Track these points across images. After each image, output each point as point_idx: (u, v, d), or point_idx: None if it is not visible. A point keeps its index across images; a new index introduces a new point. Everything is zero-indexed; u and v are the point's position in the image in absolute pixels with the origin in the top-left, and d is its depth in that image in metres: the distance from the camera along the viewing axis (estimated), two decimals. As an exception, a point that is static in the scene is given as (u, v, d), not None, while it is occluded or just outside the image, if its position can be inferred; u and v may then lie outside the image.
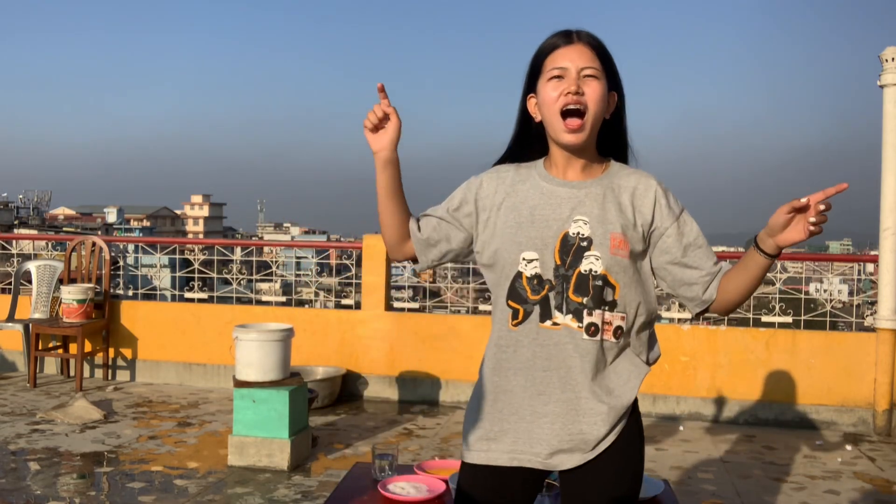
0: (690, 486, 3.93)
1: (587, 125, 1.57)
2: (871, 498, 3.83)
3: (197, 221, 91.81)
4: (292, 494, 3.66)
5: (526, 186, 1.66)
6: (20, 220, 52.95)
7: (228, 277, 6.47)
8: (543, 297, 1.58)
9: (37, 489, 3.65)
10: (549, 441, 1.60)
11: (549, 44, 1.62)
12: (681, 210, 1.66)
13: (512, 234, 1.62)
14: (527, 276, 1.60)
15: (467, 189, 1.72)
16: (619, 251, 1.58)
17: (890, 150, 4.94)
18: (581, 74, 1.57)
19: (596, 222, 1.58)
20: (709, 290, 1.63)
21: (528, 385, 1.61)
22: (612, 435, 1.60)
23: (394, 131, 1.66)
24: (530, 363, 1.60)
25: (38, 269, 6.26)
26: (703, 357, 5.32)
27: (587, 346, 1.57)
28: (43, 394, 5.63)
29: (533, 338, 1.60)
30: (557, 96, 1.57)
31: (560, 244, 1.58)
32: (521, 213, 1.63)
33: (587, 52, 1.58)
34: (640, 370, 1.65)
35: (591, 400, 1.58)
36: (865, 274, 7.11)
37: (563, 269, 1.58)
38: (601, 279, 1.57)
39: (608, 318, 1.58)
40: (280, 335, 4.11)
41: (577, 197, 1.61)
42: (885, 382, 5.03)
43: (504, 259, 1.63)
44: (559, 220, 1.60)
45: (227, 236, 75.97)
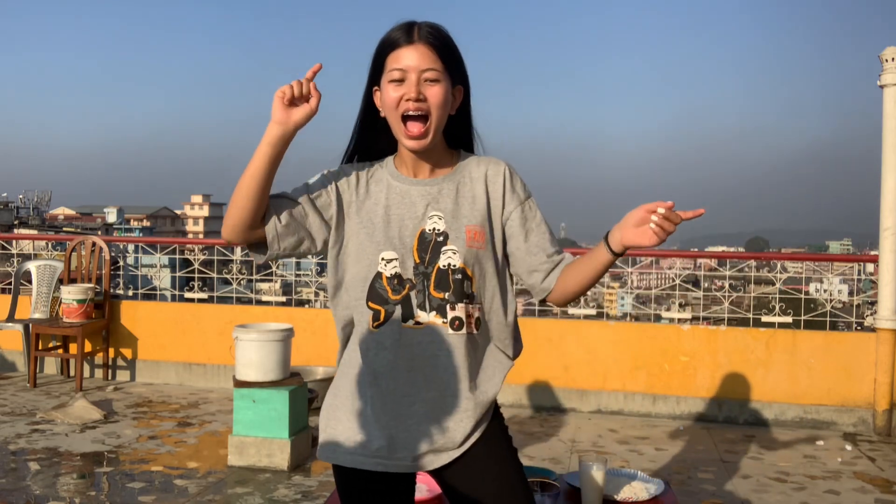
0: (690, 486, 3.93)
1: (430, 130, 1.55)
2: (871, 498, 3.83)
3: (197, 221, 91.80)
4: (292, 494, 3.66)
5: (379, 187, 1.63)
6: (20, 220, 52.95)
7: (228, 277, 6.47)
8: (405, 296, 1.57)
9: (37, 489, 3.65)
10: (414, 444, 1.59)
11: (390, 39, 1.55)
12: (527, 196, 1.65)
13: (369, 235, 1.59)
14: (387, 277, 1.58)
15: (325, 180, 1.64)
16: (475, 243, 1.58)
17: (890, 150, 4.94)
18: (422, 78, 1.53)
19: (450, 217, 1.59)
20: (548, 278, 1.62)
21: (391, 388, 1.58)
22: (477, 431, 1.60)
23: (305, 113, 1.51)
24: (393, 364, 1.58)
25: (38, 269, 6.25)
26: (703, 357, 5.32)
27: (454, 341, 1.57)
28: (43, 394, 5.63)
29: (395, 339, 1.57)
30: (398, 100, 1.53)
31: (418, 242, 1.58)
32: (376, 213, 1.60)
33: (428, 54, 1.53)
34: (504, 365, 1.65)
35: (457, 397, 1.58)
36: (865, 274, 7.11)
37: (422, 266, 1.57)
38: (460, 272, 1.57)
39: (470, 310, 1.58)
40: (280, 335, 4.11)
41: (430, 194, 1.61)
42: (885, 382, 5.03)
43: (362, 260, 1.60)
44: (414, 218, 1.59)
45: (227, 236, 75.74)
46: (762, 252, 38.03)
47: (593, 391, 5.43)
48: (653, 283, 6.66)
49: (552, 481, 2.22)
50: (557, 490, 2.19)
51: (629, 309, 7.05)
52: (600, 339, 5.49)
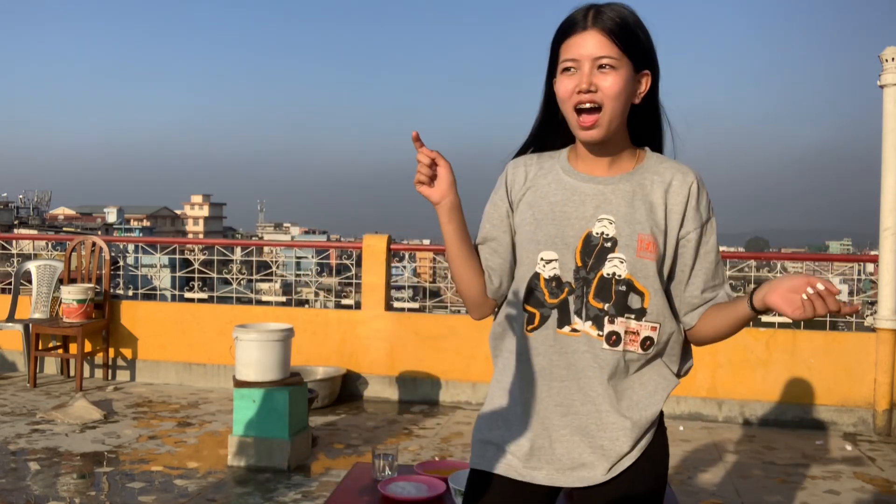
0: (690, 486, 3.93)
1: (603, 122, 1.43)
2: (871, 498, 3.83)
3: (197, 221, 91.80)
4: (292, 494, 3.66)
5: (547, 180, 1.53)
6: (20, 220, 52.95)
7: (228, 277, 6.47)
8: (562, 300, 1.46)
9: (37, 489, 3.65)
10: (566, 457, 1.48)
11: (564, 27, 1.46)
12: (708, 217, 1.51)
13: (530, 232, 1.50)
14: (545, 278, 1.48)
15: (497, 192, 1.58)
16: (646, 254, 1.44)
17: (890, 150, 4.94)
18: (595, 66, 1.42)
19: (622, 222, 1.45)
20: (692, 314, 1.51)
21: (544, 396, 1.49)
22: (635, 451, 1.48)
23: (448, 175, 1.48)
24: (547, 372, 1.48)
25: (38, 269, 6.25)
26: (703, 357, 5.32)
27: (606, 357, 1.45)
28: (43, 394, 5.63)
29: (550, 345, 1.47)
30: (570, 92, 1.43)
31: (582, 244, 1.46)
32: (540, 209, 1.50)
33: (602, 40, 1.41)
34: (669, 382, 1.52)
35: (613, 413, 1.46)
36: (865, 274, 7.11)
37: (584, 271, 1.45)
38: (625, 284, 1.44)
39: (634, 327, 1.45)
40: (280, 335, 4.11)
41: (602, 193, 1.48)
42: (885, 382, 5.03)
43: (521, 258, 1.52)
44: (582, 218, 1.47)
45: (227, 236, 75.98)
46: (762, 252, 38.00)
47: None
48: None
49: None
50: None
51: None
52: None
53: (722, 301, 1.50)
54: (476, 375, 5.53)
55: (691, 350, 1.59)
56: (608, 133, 1.45)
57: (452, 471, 2.40)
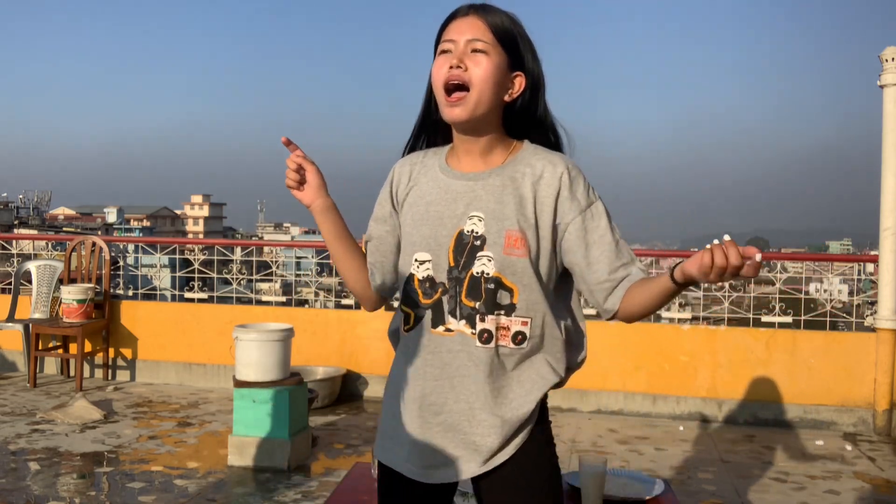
0: (690, 486, 3.93)
1: (470, 102, 1.42)
2: (871, 498, 3.83)
3: (197, 221, 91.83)
4: (292, 494, 3.66)
5: (426, 179, 1.54)
6: (20, 220, 53.00)
7: (228, 277, 6.47)
8: (436, 300, 1.48)
9: (37, 489, 3.65)
10: (439, 453, 1.50)
11: (448, 17, 1.49)
12: (589, 203, 1.47)
13: (408, 234, 1.52)
14: (418, 279, 1.49)
15: (382, 191, 1.61)
16: (513, 251, 1.43)
17: (890, 150, 4.94)
18: (469, 48, 1.43)
19: (491, 219, 1.45)
20: (610, 298, 1.46)
21: (418, 395, 1.51)
22: (510, 448, 1.48)
23: (315, 178, 1.55)
24: (422, 372, 1.50)
25: (38, 269, 6.25)
26: (703, 357, 5.32)
27: (480, 355, 1.46)
28: (43, 394, 5.63)
29: (424, 345, 1.49)
30: (441, 71, 1.44)
31: (454, 244, 1.46)
32: (417, 210, 1.52)
33: (478, 25, 1.43)
34: (546, 381, 1.50)
35: (484, 412, 1.47)
36: (865, 274, 7.10)
37: (456, 270, 1.46)
38: (494, 282, 1.44)
39: (504, 322, 1.45)
40: (280, 335, 4.11)
41: (473, 190, 1.48)
42: (885, 382, 5.03)
43: (401, 260, 1.54)
44: (454, 216, 1.47)
45: (227, 236, 75.99)
46: (762, 252, 37.82)
47: (593, 391, 5.43)
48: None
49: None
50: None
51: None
52: (600, 339, 5.48)
53: (639, 278, 1.46)
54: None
55: (582, 341, 1.57)
56: (473, 116, 1.44)
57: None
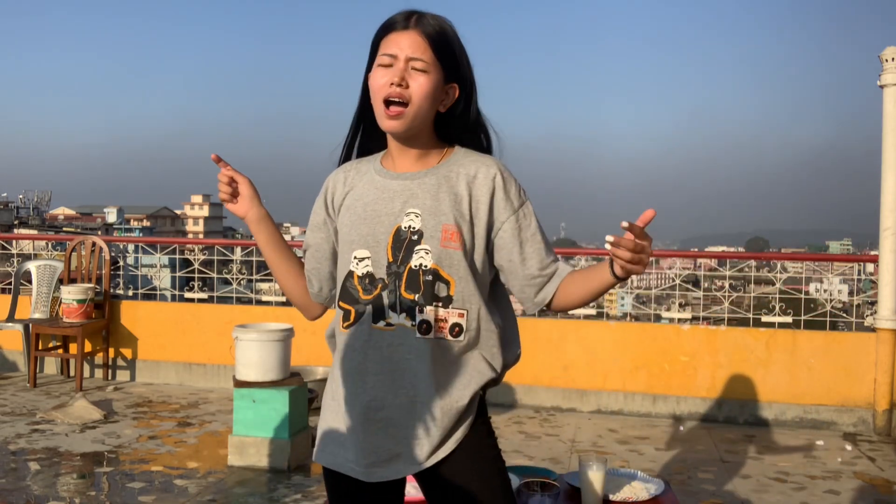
0: (690, 486, 3.93)
1: (408, 117, 1.48)
2: (871, 498, 3.83)
3: (197, 221, 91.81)
4: (292, 494, 3.66)
5: (363, 182, 1.59)
6: (20, 220, 52.96)
7: (228, 277, 6.47)
8: (376, 296, 1.51)
9: (37, 489, 3.65)
10: (381, 451, 1.51)
11: (387, 24, 1.52)
12: (521, 203, 1.54)
13: (346, 234, 1.56)
14: (358, 276, 1.53)
15: (319, 201, 1.65)
16: (450, 243, 1.48)
17: (890, 150, 4.94)
18: (409, 66, 1.48)
19: (428, 214, 1.50)
20: (542, 292, 1.53)
21: (360, 391, 1.52)
22: (449, 443, 1.51)
23: (248, 189, 1.61)
24: (363, 367, 1.52)
25: (38, 269, 6.25)
26: (703, 357, 5.32)
27: (421, 346, 1.48)
28: (43, 394, 5.63)
29: (365, 340, 1.51)
30: (383, 85, 1.49)
31: (392, 240, 1.51)
32: (355, 210, 1.56)
33: (420, 42, 1.48)
34: (483, 375, 1.53)
35: (424, 405, 1.49)
36: (865, 274, 7.11)
37: (395, 265, 1.50)
38: (432, 273, 1.48)
39: (442, 314, 1.49)
40: (280, 335, 4.11)
41: (409, 189, 1.53)
42: (885, 382, 5.03)
43: (340, 260, 1.58)
44: (391, 214, 1.52)
45: (227, 236, 75.97)
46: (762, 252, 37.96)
47: (593, 391, 5.43)
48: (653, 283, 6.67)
49: (552, 481, 2.21)
50: (557, 490, 2.19)
51: (629, 309, 7.05)
52: (600, 339, 5.48)
53: (566, 272, 1.53)
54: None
55: (516, 338, 1.62)
56: (409, 128, 1.51)
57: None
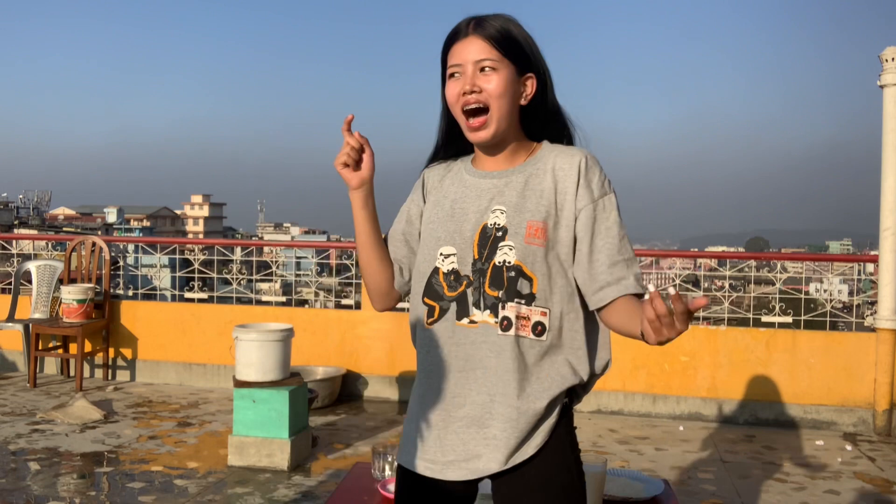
0: (690, 486, 3.93)
1: (491, 121, 1.49)
2: (871, 498, 3.83)
3: (197, 221, 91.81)
4: (292, 494, 3.66)
5: (453, 181, 1.60)
6: (20, 220, 52.94)
7: (228, 277, 6.47)
8: (461, 293, 1.50)
9: (37, 489, 3.65)
10: (460, 448, 1.50)
11: (448, 38, 1.54)
12: (602, 193, 1.50)
13: (432, 230, 1.56)
14: (443, 272, 1.52)
15: (416, 193, 1.67)
16: (534, 240, 1.47)
17: (890, 150, 4.94)
18: (477, 69, 1.49)
19: (513, 211, 1.49)
20: (601, 292, 1.47)
21: (443, 388, 1.52)
22: (529, 448, 1.48)
23: (370, 163, 1.58)
24: (446, 364, 1.51)
25: (38, 269, 6.25)
26: (703, 357, 5.32)
27: (502, 343, 1.47)
28: (43, 394, 5.63)
29: (448, 336, 1.51)
30: (457, 96, 1.51)
31: (479, 237, 1.51)
32: (442, 207, 1.57)
33: (481, 44, 1.49)
34: (565, 380, 1.49)
35: (503, 404, 1.47)
36: (865, 274, 7.11)
37: (480, 262, 1.49)
38: (515, 270, 1.47)
39: (524, 312, 1.46)
40: (280, 335, 4.11)
41: (497, 187, 1.54)
42: (885, 382, 5.03)
43: (422, 255, 1.57)
44: (478, 211, 1.52)
45: (227, 236, 75.98)
46: (762, 252, 37.97)
47: (593, 391, 5.43)
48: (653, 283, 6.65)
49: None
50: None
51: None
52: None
53: (631, 291, 1.46)
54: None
55: (606, 345, 1.56)
56: (497, 133, 1.51)
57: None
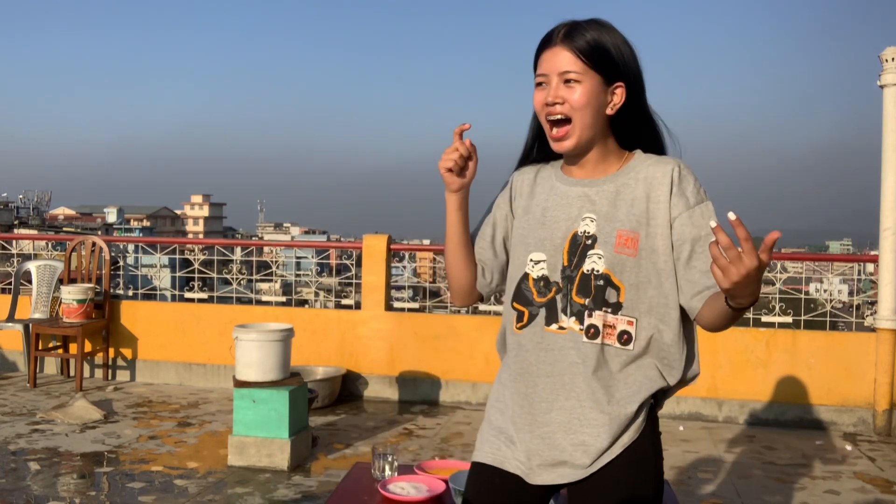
0: (690, 486, 3.93)
1: (574, 132, 1.51)
2: (871, 498, 3.83)
3: (197, 221, 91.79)
4: (292, 494, 3.66)
5: (543, 188, 1.62)
6: (20, 220, 52.97)
7: (228, 277, 6.47)
8: (550, 299, 1.53)
9: (37, 489, 3.65)
10: (548, 453, 1.52)
11: (541, 43, 1.55)
12: (698, 201, 1.50)
13: (522, 236, 1.59)
14: (533, 278, 1.55)
15: (502, 196, 1.68)
16: (624, 249, 1.48)
17: (890, 150, 4.94)
18: (562, 80, 1.50)
19: (603, 220, 1.51)
20: (695, 298, 1.48)
21: (529, 392, 1.54)
22: (616, 447, 1.50)
23: (474, 170, 1.59)
24: (534, 368, 1.54)
25: (38, 269, 6.25)
26: (703, 357, 5.26)
27: (587, 350, 1.49)
28: (43, 394, 5.63)
29: (537, 342, 1.54)
30: (541, 105, 1.53)
31: (569, 244, 1.53)
32: (534, 214, 1.60)
33: (566, 55, 1.49)
34: (653, 382, 1.51)
35: (594, 410, 1.50)
36: (865, 274, 7.11)
37: (569, 269, 1.52)
38: (603, 278, 1.49)
39: (611, 320, 1.49)
40: (280, 335, 4.11)
41: (587, 195, 1.55)
42: (885, 382, 5.03)
43: (513, 261, 1.61)
44: (569, 219, 1.54)
45: (227, 236, 75.97)
46: (762, 252, 37.67)
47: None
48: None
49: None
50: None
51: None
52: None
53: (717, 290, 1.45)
54: (476, 375, 5.53)
55: (695, 357, 1.58)
56: (579, 143, 1.53)
57: (452, 471, 2.40)
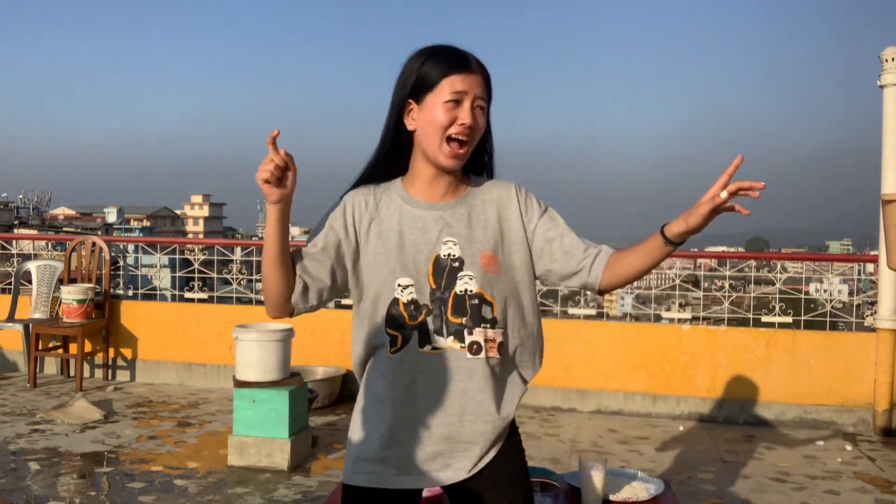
0: (690, 486, 3.93)
1: (468, 154, 1.59)
2: (871, 498, 3.83)
3: (197, 221, 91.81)
4: (292, 494, 3.66)
5: (390, 210, 1.63)
6: (20, 220, 52.99)
7: (228, 277, 6.47)
8: (421, 321, 1.58)
9: (37, 489, 3.65)
10: (428, 463, 1.61)
11: (453, 63, 1.56)
12: (545, 208, 1.68)
13: (384, 262, 1.60)
14: (403, 303, 1.59)
15: (337, 219, 1.63)
16: (489, 268, 1.60)
17: (890, 150, 4.94)
18: (474, 105, 1.56)
19: (465, 242, 1.60)
20: (592, 272, 1.63)
21: (409, 411, 1.60)
22: (492, 451, 1.62)
23: (294, 180, 1.52)
24: (411, 390, 1.59)
25: (38, 269, 6.26)
26: (703, 357, 5.32)
27: (472, 366, 1.58)
28: (43, 394, 5.63)
29: (413, 364, 1.59)
30: (449, 122, 1.54)
31: (433, 268, 1.59)
32: (389, 239, 1.61)
33: (481, 82, 1.58)
34: (520, 389, 1.67)
35: (474, 421, 1.60)
36: (865, 274, 7.11)
37: (438, 292, 1.58)
38: (477, 297, 1.58)
39: (491, 335, 1.59)
40: (280, 335, 4.11)
41: (443, 219, 1.61)
42: (885, 382, 5.03)
43: (376, 287, 1.61)
44: (429, 243, 1.60)
45: (227, 236, 75.97)
46: (762, 252, 37.94)
47: (593, 391, 5.43)
48: (653, 283, 6.68)
49: (552, 481, 2.22)
50: (557, 490, 2.19)
51: (629, 309, 7.05)
52: (600, 340, 5.48)
53: (612, 251, 1.64)
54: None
55: (542, 350, 1.71)
56: (463, 164, 1.61)
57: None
